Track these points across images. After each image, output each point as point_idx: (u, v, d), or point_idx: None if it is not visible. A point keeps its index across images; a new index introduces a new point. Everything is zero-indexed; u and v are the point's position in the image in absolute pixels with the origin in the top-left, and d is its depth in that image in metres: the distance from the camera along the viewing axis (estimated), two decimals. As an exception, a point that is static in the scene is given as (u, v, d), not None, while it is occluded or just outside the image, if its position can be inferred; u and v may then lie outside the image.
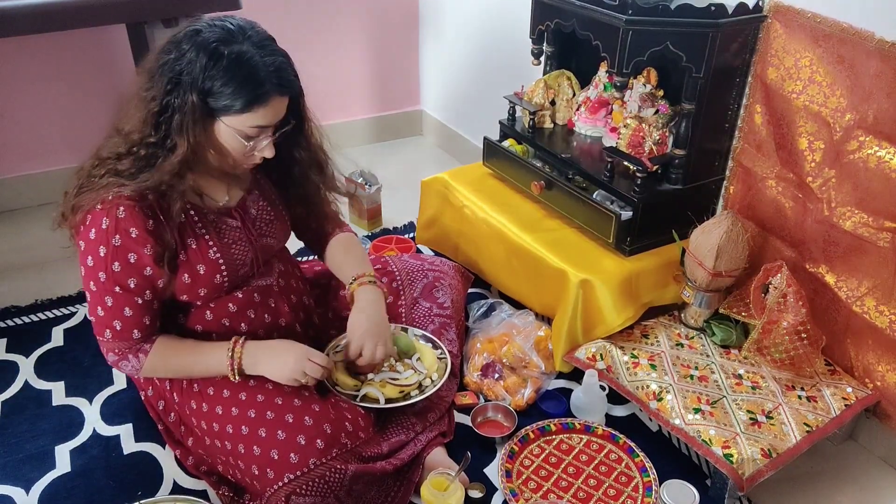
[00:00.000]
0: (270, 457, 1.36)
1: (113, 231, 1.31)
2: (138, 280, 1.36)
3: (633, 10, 1.64)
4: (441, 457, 1.59)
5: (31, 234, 2.51)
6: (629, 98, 1.97)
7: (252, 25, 1.34)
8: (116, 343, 1.40)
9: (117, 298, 1.36)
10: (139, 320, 1.39)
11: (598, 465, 1.62)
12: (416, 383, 1.60)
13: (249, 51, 1.29)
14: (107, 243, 1.32)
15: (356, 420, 1.48)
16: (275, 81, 1.31)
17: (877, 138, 1.52)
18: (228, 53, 1.27)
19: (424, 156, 3.21)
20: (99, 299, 1.37)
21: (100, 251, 1.33)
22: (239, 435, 1.41)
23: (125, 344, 1.40)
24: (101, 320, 1.38)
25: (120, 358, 1.42)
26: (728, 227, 1.72)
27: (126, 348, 1.40)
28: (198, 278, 1.42)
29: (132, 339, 1.39)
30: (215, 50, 1.27)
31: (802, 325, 1.65)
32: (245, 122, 1.32)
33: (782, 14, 1.66)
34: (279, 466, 1.35)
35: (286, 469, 1.35)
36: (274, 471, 1.35)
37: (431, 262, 1.94)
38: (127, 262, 1.34)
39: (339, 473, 1.37)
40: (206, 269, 1.42)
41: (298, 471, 1.35)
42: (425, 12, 3.07)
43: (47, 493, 1.56)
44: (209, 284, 1.43)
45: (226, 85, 1.27)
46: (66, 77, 2.54)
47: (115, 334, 1.38)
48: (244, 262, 1.48)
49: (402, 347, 1.66)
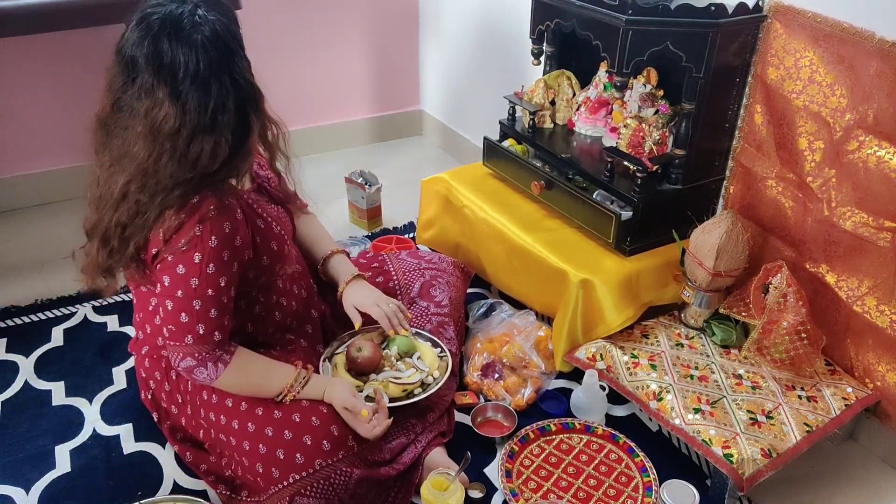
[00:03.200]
0: (276, 456, 1.36)
1: (209, 233, 1.31)
2: (228, 277, 1.36)
3: (633, 10, 1.64)
4: (441, 457, 1.59)
5: (31, 234, 2.51)
6: (629, 98, 1.97)
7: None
8: (197, 347, 1.36)
9: (206, 301, 1.34)
10: (221, 322, 1.37)
11: (598, 465, 1.62)
12: (419, 381, 1.61)
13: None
14: (203, 249, 1.31)
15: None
16: None
17: (877, 138, 1.52)
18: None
19: (424, 156, 3.21)
20: (185, 305, 1.33)
21: (195, 258, 1.31)
22: (245, 431, 1.41)
23: (207, 348, 1.37)
24: (183, 326, 1.34)
25: (198, 364, 1.37)
26: (728, 227, 1.72)
27: (207, 353, 1.37)
28: (273, 255, 1.47)
29: (213, 342, 1.37)
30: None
31: (802, 325, 1.65)
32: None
33: (782, 14, 1.66)
34: (285, 466, 1.35)
35: (292, 469, 1.35)
36: (279, 470, 1.35)
37: (429, 259, 1.93)
38: (220, 260, 1.34)
39: (345, 476, 1.37)
40: (277, 244, 1.48)
41: (304, 471, 1.35)
42: (425, 12, 3.07)
43: (47, 493, 1.56)
44: (283, 257, 1.50)
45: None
46: (66, 77, 2.54)
47: (198, 338, 1.35)
48: (282, 235, 1.54)
49: (402, 347, 1.66)
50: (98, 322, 2.07)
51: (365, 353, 1.61)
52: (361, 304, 1.67)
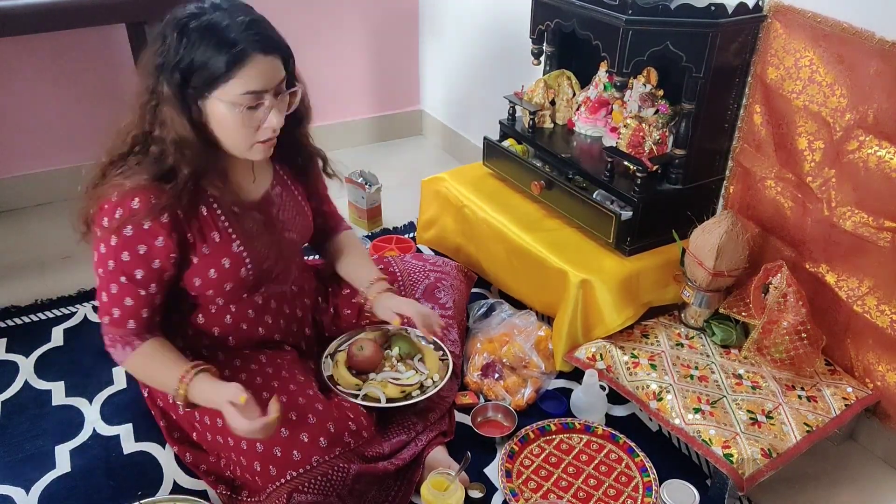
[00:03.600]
0: (273, 454, 1.36)
1: (126, 221, 1.31)
2: (145, 272, 1.36)
3: (633, 9, 1.64)
4: (441, 456, 1.59)
5: (31, 234, 2.51)
6: (629, 98, 1.97)
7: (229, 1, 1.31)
8: (111, 329, 1.40)
9: (121, 288, 1.36)
10: (137, 312, 1.39)
11: (598, 465, 1.62)
12: (418, 384, 1.61)
13: (218, 16, 1.26)
14: (118, 233, 1.32)
15: (359, 419, 1.48)
16: (252, 38, 1.26)
17: (877, 138, 1.52)
18: (197, 26, 1.25)
19: (424, 156, 3.21)
20: (105, 285, 1.38)
21: (111, 240, 1.33)
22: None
23: (119, 331, 1.40)
24: (103, 305, 1.39)
25: (110, 344, 1.43)
26: (728, 227, 1.72)
27: (118, 336, 1.41)
28: (223, 272, 1.42)
29: (126, 329, 1.40)
30: (185, 25, 1.25)
31: (802, 325, 1.65)
32: (234, 90, 1.27)
33: (782, 14, 1.66)
34: (282, 463, 1.35)
35: (289, 466, 1.35)
36: (276, 468, 1.35)
37: (434, 262, 1.94)
38: (136, 253, 1.34)
39: (342, 472, 1.37)
40: (230, 263, 1.42)
41: (301, 468, 1.35)
42: (425, 12, 3.07)
43: (47, 493, 1.56)
44: (234, 278, 1.44)
45: (202, 56, 1.24)
46: (66, 77, 2.54)
47: (112, 321, 1.39)
48: (268, 256, 1.49)
49: (403, 348, 1.66)
50: (98, 322, 2.07)
51: (366, 352, 1.62)
52: (398, 307, 1.62)
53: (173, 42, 1.25)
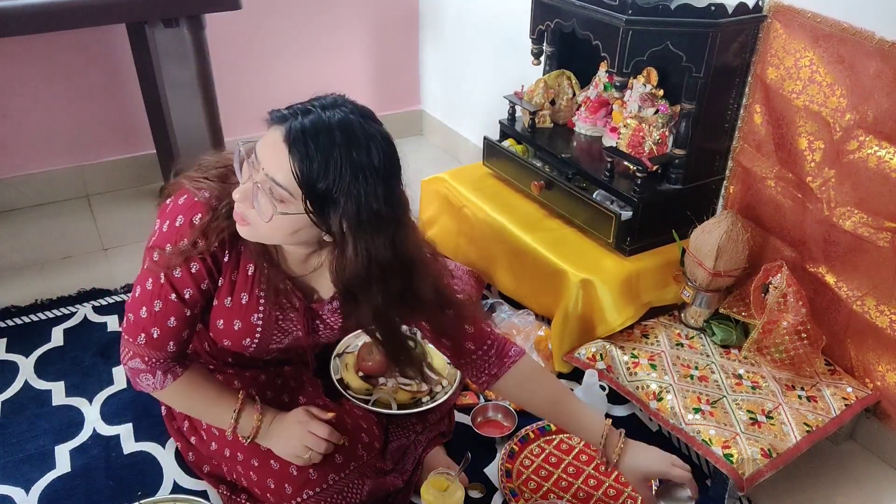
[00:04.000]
0: (289, 472, 1.32)
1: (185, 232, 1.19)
2: (193, 292, 1.23)
3: (633, 10, 1.64)
4: (441, 457, 1.59)
5: (31, 234, 2.51)
6: (629, 98, 1.97)
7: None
8: (147, 350, 1.25)
9: (167, 305, 1.22)
10: (179, 333, 1.25)
11: (598, 465, 1.62)
12: (428, 389, 1.60)
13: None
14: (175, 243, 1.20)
15: (371, 429, 1.46)
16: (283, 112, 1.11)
17: (877, 138, 1.52)
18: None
19: (424, 156, 3.20)
20: (147, 301, 1.23)
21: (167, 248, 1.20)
22: (255, 447, 1.35)
23: (159, 355, 1.26)
24: (140, 322, 1.23)
25: (147, 370, 1.27)
26: (728, 227, 1.72)
27: (157, 361, 1.27)
28: (229, 331, 1.31)
29: (167, 352, 1.26)
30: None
31: (802, 325, 1.65)
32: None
33: (782, 14, 1.66)
34: (298, 482, 1.32)
35: (306, 485, 1.31)
36: (292, 486, 1.32)
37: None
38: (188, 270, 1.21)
39: (357, 488, 1.36)
40: (241, 327, 1.30)
41: (318, 487, 1.32)
42: (425, 12, 3.06)
43: (47, 493, 1.56)
44: (237, 344, 1.33)
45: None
46: (66, 77, 2.54)
47: (150, 342, 1.24)
48: (280, 344, 1.38)
49: None
50: (98, 322, 2.07)
51: (377, 356, 1.60)
52: (655, 470, 1.37)
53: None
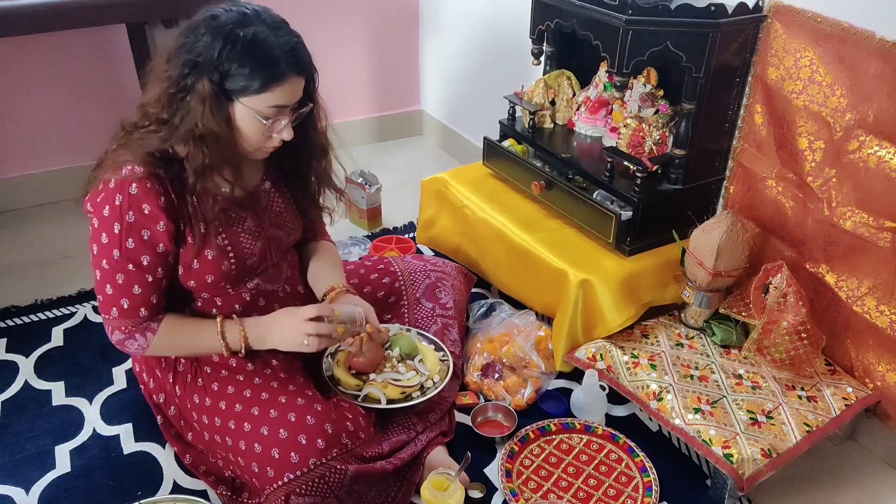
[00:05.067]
0: (271, 455, 1.36)
1: (126, 207, 1.32)
2: (151, 257, 1.37)
3: (633, 10, 1.64)
4: (441, 456, 1.59)
5: (31, 234, 2.51)
6: (629, 98, 1.97)
7: (266, 10, 1.36)
8: (123, 321, 1.40)
9: (129, 276, 1.36)
10: (147, 298, 1.39)
11: (598, 465, 1.62)
12: (418, 385, 1.60)
13: (264, 31, 1.31)
14: (121, 220, 1.33)
15: (357, 420, 1.48)
16: (291, 61, 1.33)
17: (877, 138, 1.52)
18: (244, 35, 1.29)
19: (424, 156, 3.21)
20: (110, 277, 1.37)
21: (114, 228, 1.34)
22: (241, 431, 1.41)
23: (132, 321, 1.40)
24: (109, 298, 1.39)
25: (127, 336, 1.42)
26: (728, 227, 1.72)
27: (133, 326, 1.41)
28: (206, 263, 1.43)
29: (139, 317, 1.40)
30: (231, 32, 1.29)
31: (802, 325, 1.65)
32: (264, 102, 1.33)
33: (782, 14, 1.66)
34: (279, 465, 1.35)
35: (286, 468, 1.35)
36: (274, 469, 1.35)
37: (434, 262, 1.94)
38: (140, 239, 1.35)
39: (340, 474, 1.37)
40: (214, 255, 1.43)
41: (298, 470, 1.35)
42: (425, 12, 3.07)
43: (47, 493, 1.56)
44: (216, 271, 1.44)
45: (243, 66, 1.29)
46: (66, 77, 2.54)
47: (122, 312, 1.39)
48: (253, 252, 1.49)
49: (404, 349, 1.66)
50: (98, 322, 2.07)
51: (367, 353, 1.61)
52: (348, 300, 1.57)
53: (216, 45, 1.28)
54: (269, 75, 1.31)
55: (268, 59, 1.31)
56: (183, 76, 1.30)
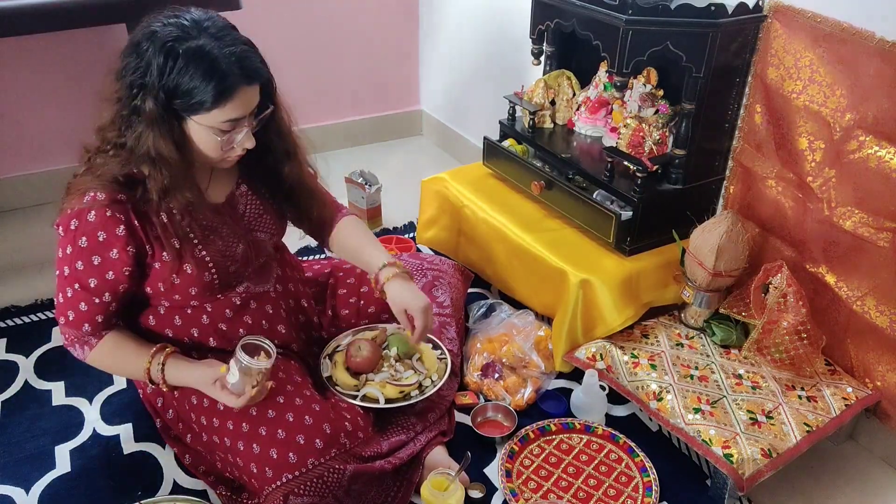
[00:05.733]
0: (269, 455, 1.36)
1: (81, 233, 1.34)
2: (98, 282, 1.37)
3: (633, 10, 1.64)
4: (441, 456, 1.59)
5: (31, 234, 2.50)
6: (629, 98, 1.97)
7: (209, 16, 1.30)
8: (67, 329, 1.43)
9: (75, 294, 1.38)
10: (91, 317, 1.40)
11: (598, 465, 1.62)
12: (416, 384, 1.61)
13: (207, 44, 1.25)
14: (73, 243, 1.35)
15: (355, 420, 1.48)
16: (238, 72, 1.26)
17: (877, 138, 1.52)
18: (185, 50, 1.23)
19: (424, 156, 3.21)
20: (61, 288, 1.40)
21: (67, 248, 1.36)
22: (239, 432, 1.41)
23: (75, 333, 1.42)
24: (59, 306, 1.42)
25: (69, 343, 1.45)
26: (728, 227, 1.72)
27: (74, 337, 1.43)
28: (186, 278, 1.42)
29: (81, 331, 1.42)
30: (171, 49, 1.23)
31: (802, 325, 1.65)
32: (217, 119, 1.28)
33: (782, 14, 1.66)
34: (277, 465, 1.35)
35: (284, 469, 1.35)
36: (272, 469, 1.35)
37: (430, 261, 1.94)
38: (90, 263, 1.36)
39: (338, 474, 1.37)
40: (193, 269, 1.41)
41: (297, 471, 1.34)
42: (425, 12, 3.07)
43: (47, 493, 1.56)
44: (199, 283, 1.43)
45: (189, 84, 1.24)
46: (67, 77, 2.54)
47: (67, 322, 1.41)
48: (234, 259, 1.48)
49: (402, 348, 1.66)
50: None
51: (364, 352, 1.61)
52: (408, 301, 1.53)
53: (158, 63, 1.23)
54: (218, 91, 1.25)
55: (214, 73, 1.24)
56: (131, 97, 1.26)
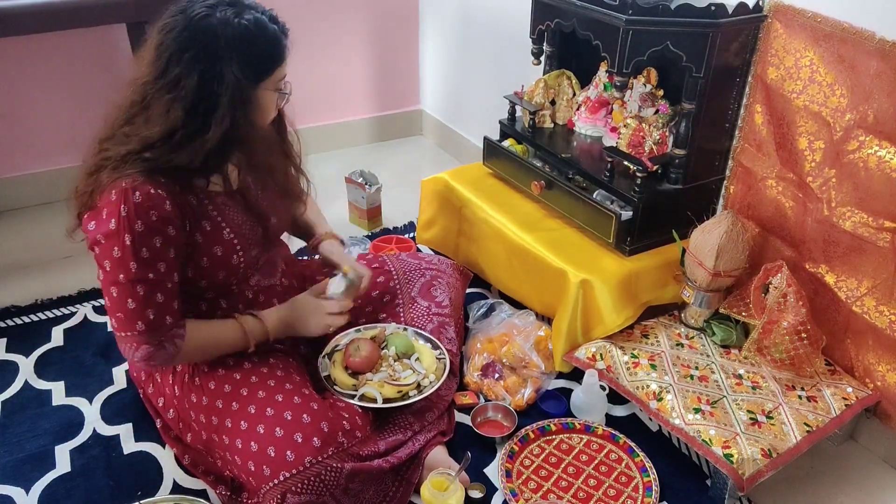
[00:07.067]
0: (267, 454, 1.36)
1: (134, 217, 1.30)
2: (166, 264, 1.35)
3: (633, 9, 1.64)
4: (441, 456, 1.59)
5: (31, 234, 2.51)
6: (629, 98, 1.97)
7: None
8: (151, 333, 1.36)
9: (149, 286, 1.33)
10: (170, 304, 1.37)
11: (598, 465, 1.62)
12: (415, 383, 1.60)
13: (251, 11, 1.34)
14: (130, 230, 1.30)
15: (353, 419, 1.48)
16: (281, 28, 1.38)
17: (877, 138, 1.52)
18: (248, 22, 1.31)
19: (424, 156, 3.21)
20: (129, 291, 1.33)
21: (125, 240, 1.30)
22: (237, 430, 1.41)
23: (160, 332, 1.37)
24: (131, 313, 1.34)
25: (156, 348, 1.37)
26: (728, 227, 1.72)
27: (162, 336, 1.37)
28: (216, 260, 1.44)
29: (166, 325, 1.37)
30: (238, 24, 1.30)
31: (802, 325, 1.65)
32: (279, 76, 1.39)
33: (782, 14, 1.66)
34: (275, 464, 1.35)
35: (282, 467, 1.35)
36: (270, 468, 1.35)
37: (429, 260, 1.94)
38: (154, 246, 1.33)
39: (335, 472, 1.37)
40: (223, 251, 1.45)
41: (294, 469, 1.34)
42: (425, 12, 3.07)
43: (47, 493, 1.56)
44: (227, 266, 1.46)
45: (261, 50, 1.33)
46: (67, 77, 2.54)
47: (149, 324, 1.35)
48: (256, 242, 1.53)
49: (400, 347, 1.66)
50: (98, 322, 2.07)
51: (363, 352, 1.61)
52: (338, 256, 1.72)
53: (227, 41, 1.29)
54: (280, 48, 1.36)
55: (273, 34, 1.35)
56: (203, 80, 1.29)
